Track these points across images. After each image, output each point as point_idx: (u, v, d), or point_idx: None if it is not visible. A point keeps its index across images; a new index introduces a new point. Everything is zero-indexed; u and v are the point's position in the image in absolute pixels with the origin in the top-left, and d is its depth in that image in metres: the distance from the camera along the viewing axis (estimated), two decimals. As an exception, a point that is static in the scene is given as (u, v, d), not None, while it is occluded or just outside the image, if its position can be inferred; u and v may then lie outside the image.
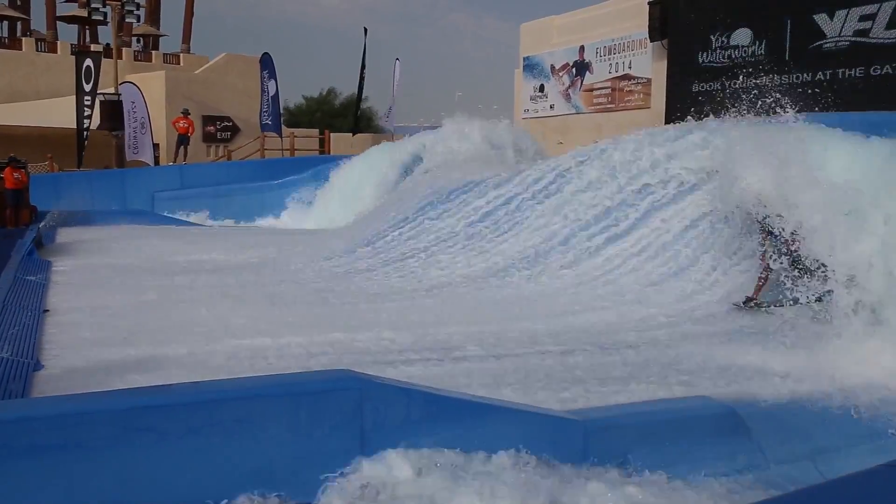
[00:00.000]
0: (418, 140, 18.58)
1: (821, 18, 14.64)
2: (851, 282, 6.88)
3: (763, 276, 8.22)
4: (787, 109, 9.04)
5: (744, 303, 8.23)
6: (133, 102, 23.45)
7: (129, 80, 24.70)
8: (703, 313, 8.26)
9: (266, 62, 25.51)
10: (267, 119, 25.46)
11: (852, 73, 14.14)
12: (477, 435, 4.25)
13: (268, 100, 25.45)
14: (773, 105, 9.29)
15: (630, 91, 20.09)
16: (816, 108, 11.75)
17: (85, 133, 23.10)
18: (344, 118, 36.33)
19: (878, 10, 13.75)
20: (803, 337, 6.90)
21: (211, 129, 30.00)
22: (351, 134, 28.11)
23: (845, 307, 6.80)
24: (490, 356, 6.63)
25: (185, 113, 22.97)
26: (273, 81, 25.34)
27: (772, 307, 8.02)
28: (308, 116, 42.09)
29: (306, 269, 11.52)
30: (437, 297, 9.48)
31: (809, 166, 7.75)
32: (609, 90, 20.78)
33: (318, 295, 9.52)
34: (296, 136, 26.21)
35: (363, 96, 30.29)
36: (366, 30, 26.95)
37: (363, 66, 27.34)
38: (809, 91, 13.69)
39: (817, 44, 14.68)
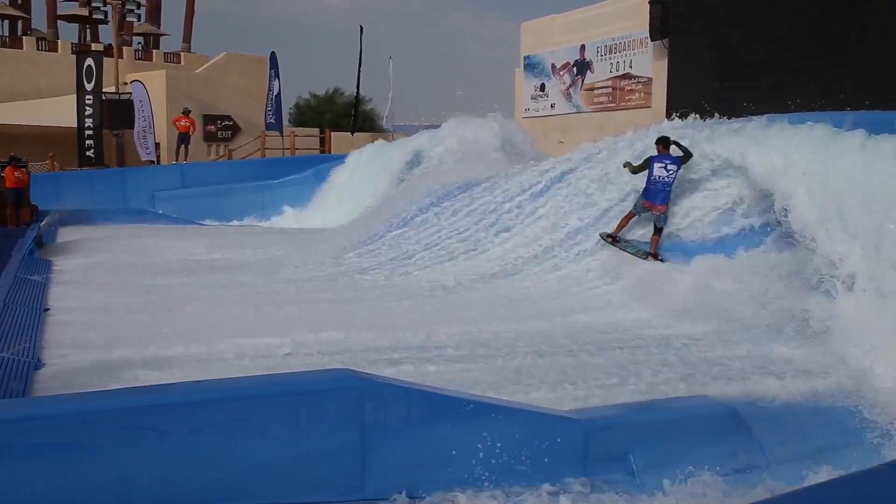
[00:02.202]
0: (418, 139, 18.57)
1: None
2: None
3: (625, 220, 9.82)
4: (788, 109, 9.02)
5: (606, 236, 9.88)
6: (141, 101, 23.41)
7: (137, 80, 24.65)
8: (700, 313, 8.25)
9: (273, 61, 25.55)
10: (271, 118, 25.49)
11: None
12: (477, 435, 4.25)
13: (272, 98, 25.48)
14: (773, 105, 9.27)
15: (631, 90, 20.06)
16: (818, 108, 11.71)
17: (87, 132, 23.09)
18: (349, 118, 36.22)
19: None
20: (804, 335, 6.90)
21: (211, 128, 29.97)
22: (350, 133, 28.12)
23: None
24: (490, 356, 6.63)
25: (187, 112, 22.96)
26: (277, 81, 25.36)
27: (622, 249, 9.68)
28: (313, 115, 42.05)
29: (307, 267, 11.51)
30: (438, 296, 9.48)
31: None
32: (610, 89, 20.75)
33: (319, 294, 9.52)
34: (296, 136, 26.20)
35: (364, 96, 30.28)
36: (362, 28, 26.82)
37: (360, 65, 27.32)
38: (811, 91, 13.65)
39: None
